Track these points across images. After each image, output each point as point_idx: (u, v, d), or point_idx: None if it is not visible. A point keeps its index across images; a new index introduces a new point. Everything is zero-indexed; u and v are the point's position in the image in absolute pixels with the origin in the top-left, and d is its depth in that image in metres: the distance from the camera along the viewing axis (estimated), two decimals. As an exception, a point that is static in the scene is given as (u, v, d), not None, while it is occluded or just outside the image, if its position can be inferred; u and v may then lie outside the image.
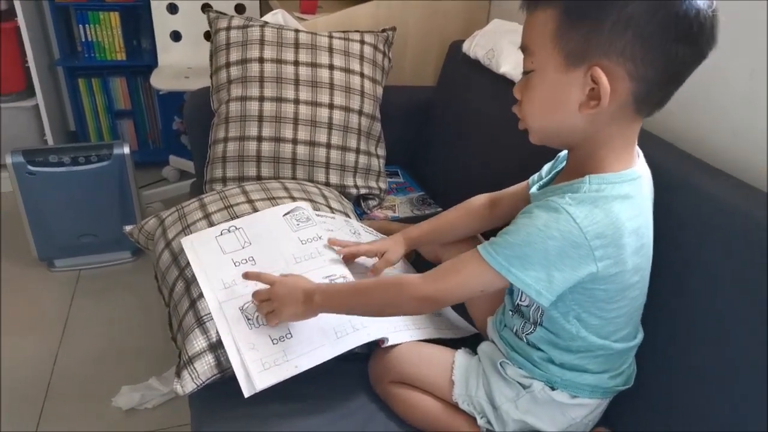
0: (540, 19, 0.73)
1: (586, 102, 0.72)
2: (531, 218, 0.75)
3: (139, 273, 1.99)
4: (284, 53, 1.44)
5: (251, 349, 0.90)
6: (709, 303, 0.84)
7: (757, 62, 0.96)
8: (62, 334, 1.72)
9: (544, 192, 0.82)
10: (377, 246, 1.10)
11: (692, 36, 0.67)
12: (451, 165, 1.55)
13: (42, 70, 2.33)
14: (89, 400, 1.50)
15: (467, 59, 1.54)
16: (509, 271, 0.75)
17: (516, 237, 0.75)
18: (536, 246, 0.73)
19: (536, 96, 0.76)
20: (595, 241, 0.73)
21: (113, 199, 1.91)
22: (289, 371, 0.89)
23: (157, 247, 1.14)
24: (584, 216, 0.72)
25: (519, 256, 0.74)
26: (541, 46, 0.73)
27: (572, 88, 0.72)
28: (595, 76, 0.69)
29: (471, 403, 0.93)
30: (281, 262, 1.03)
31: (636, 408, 0.91)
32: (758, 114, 0.98)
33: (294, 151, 1.42)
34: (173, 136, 2.68)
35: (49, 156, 1.81)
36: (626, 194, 0.76)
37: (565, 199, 0.74)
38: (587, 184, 0.75)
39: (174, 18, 2.32)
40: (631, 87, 0.70)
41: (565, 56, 0.71)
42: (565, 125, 0.76)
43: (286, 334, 0.92)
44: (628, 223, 0.75)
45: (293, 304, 0.89)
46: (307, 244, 1.06)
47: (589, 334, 0.83)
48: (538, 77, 0.75)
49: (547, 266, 0.74)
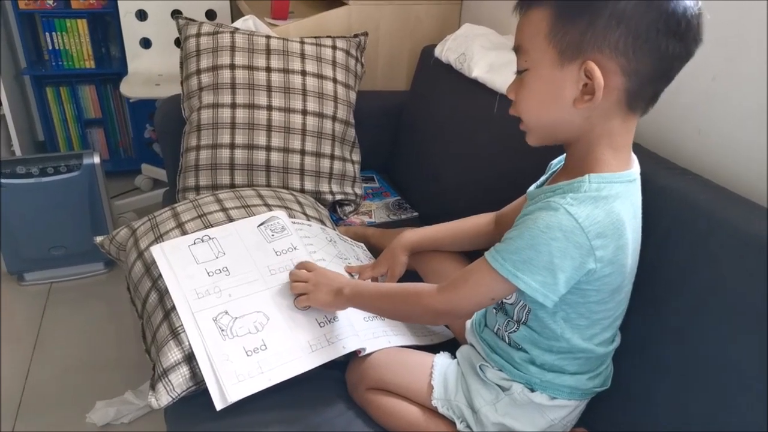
0: (534, 19, 0.74)
1: (580, 97, 0.73)
2: (533, 220, 0.75)
3: (112, 285, 1.95)
4: (256, 60, 1.43)
5: (225, 360, 0.89)
6: (683, 303, 0.86)
7: (720, 67, 0.99)
8: (34, 348, 1.68)
9: (543, 191, 0.82)
10: (383, 267, 1.12)
11: (681, 32, 0.70)
12: (426, 169, 1.55)
13: (8, 79, 2.28)
14: (63, 415, 1.47)
15: (439, 63, 1.55)
16: (517, 277, 0.75)
17: (520, 241, 0.76)
18: (540, 248, 0.74)
19: (531, 93, 0.77)
20: (596, 241, 0.74)
21: (84, 210, 1.87)
22: (262, 383, 0.88)
23: (129, 258, 1.12)
24: (586, 216, 0.73)
25: (525, 261, 0.75)
26: (536, 44, 0.74)
27: (566, 83, 0.73)
28: (589, 70, 0.71)
29: (450, 408, 0.93)
30: (255, 273, 1.02)
31: (612, 408, 0.92)
32: (720, 115, 1.01)
33: (268, 158, 1.41)
34: (145, 144, 2.64)
35: (17, 167, 1.77)
36: (625, 195, 0.77)
37: (566, 200, 0.74)
38: (587, 183, 0.76)
39: (143, 25, 2.29)
40: (623, 82, 0.72)
41: (559, 52, 0.72)
42: (561, 121, 0.77)
43: (261, 346, 0.92)
44: (627, 223, 0.77)
45: (326, 292, 0.95)
46: (282, 255, 1.06)
47: (573, 335, 0.83)
48: (533, 74, 0.76)
49: (552, 269, 0.74)
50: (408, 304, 0.88)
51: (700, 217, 0.86)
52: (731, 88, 0.98)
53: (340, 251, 1.18)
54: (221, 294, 0.97)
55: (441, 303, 0.83)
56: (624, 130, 0.77)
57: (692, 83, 1.02)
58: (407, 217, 1.54)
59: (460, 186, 1.41)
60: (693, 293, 0.84)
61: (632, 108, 0.75)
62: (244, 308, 0.96)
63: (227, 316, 0.94)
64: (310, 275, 0.98)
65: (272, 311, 0.96)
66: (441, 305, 0.83)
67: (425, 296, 0.85)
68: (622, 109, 0.74)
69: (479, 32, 1.50)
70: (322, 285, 0.96)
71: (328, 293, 0.95)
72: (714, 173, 0.97)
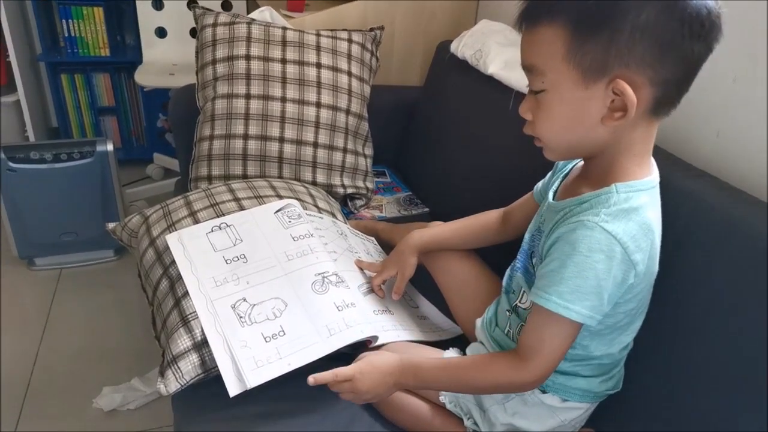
0: (545, 37, 0.70)
1: (609, 114, 0.70)
2: (572, 246, 0.73)
3: (122, 272, 1.96)
4: (271, 51, 1.43)
5: (244, 347, 0.89)
6: (699, 305, 0.85)
7: (740, 69, 0.98)
8: (43, 333, 1.69)
9: (568, 204, 0.79)
10: (392, 270, 1.08)
11: (704, 33, 0.67)
12: (439, 165, 1.55)
13: (23, 65, 2.29)
14: (70, 400, 1.48)
15: (455, 59, 1.54)
16: (567, 308, 0.73)
17: (564, 270, 0.73)
18: (587, 274, 0.72)
19: (553, 115, 0.74)
20: (635, 255, 0.73)
21: (95, 197, 1.88)
22: (281, 369, 0.88)
23: (141, 245, 1.12)
24: (623, 232, 0.72)
25: (572, 290, 0.73)
26: (552, 65, 0.70)
27: (593, 102, 0.70)
28: (619, 88, 0.68)
29: (458, 405, 0.93)
30: (273, 259, 1.02)
31: (621, 410, 0.91)
32: (740, 118, 0.99)
33: (280, 149, 1.41)
34: (158, 133, 2.65)
35: (31, 152, 1.78)
36: (651, 202, 0.76)
37: (600, 217, 0.72)
38: (615, 193, 0.74)
39: (159, 14, 2.30)
40: (652, 92, 0.69)
41: (582, 72, 0.69)
42: (586, 139, 0.74)
43: (279, 332, 0.91)
44: (656, 231, 0.76)
45: (384, 392, 0.87)
46: (299, 241, 1.06)
47: (591, 342, 0.82)
48: (553, 97, 0.72)
49: (599, 291, 0.73)
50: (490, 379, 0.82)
51: (717, 219, 0.85)
52: (752, 90, 0.97)
53: (350, 245, 1.18)
54: (239, 281, 0.97)
55: (530, 374, 0.78)
56: (647, 136, 0.76)
57: (713, 85, 1.00)
58: (418, 213, 1.53)
59: (471, 183, 1.40)
60: (709, 296, 0.84)
61: (658, 114, 0.73)
62: (262, 295, 0.96)
63: (245, 303, 0.94)
64: (353, 386, 0.86)
65: (290, 297, 0.96)
66: (530, 376, 0.78)
67: (511, 374, 0.79)
68: (648, 118, 0.73)
69: (496, 28, 1.49)
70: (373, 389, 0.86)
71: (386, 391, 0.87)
72: (731, 176, 0.96)
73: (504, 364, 0.81)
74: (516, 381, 0.80)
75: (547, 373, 0.78)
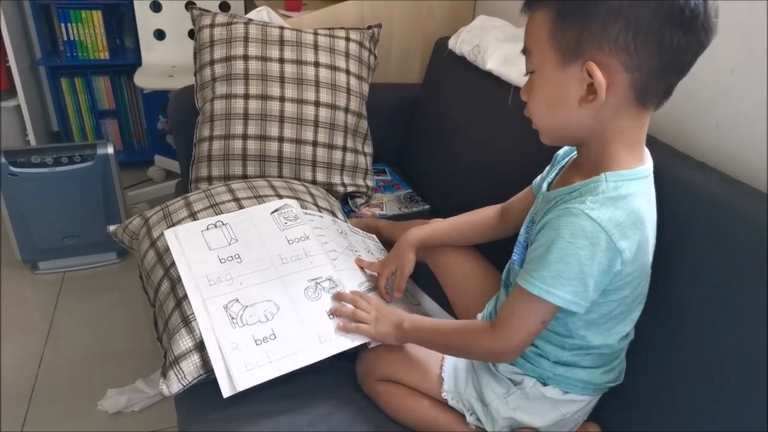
0: (537, 21, 0.74)
1: (585, 96, 0.72)
2: (557, 231, 0.74)
3: (125, 275, 1.97)
4: (269, 50, 1.43)
5: (234, 348, 0.89)
6: (699, 298, 0.84)
7: (739, 60, 0.97)
8: (47, 336, 1.70)
9: (559, 194, 0.81)
10: (392, 266, 1.09)
11: (685, 22, 0.67)
12: (439, 162, 1.55)
13: (23, 69, 2.30)
14: (75, 402, 1.48)
15: (453, 56, 1.54)
16: (549, 293, 0.74)
17: (548, 256, 0.74)
18: (569, 259, 0.73)
19: (539, 95, 0.77)
20: (621, 243, 0.73)
21: (97, 200, 1.88)
22: (271, 373, 0.88)
23: (142, 247, 1.12)
24: (608, 219, 0.72)
25: (555, 275, 0.74)
26: (539, 46, 0.74)
27: (571, 84, 0.72)
28: (589, 70, 0.70)
29: (460, 400, 0.93)
30: (267, 261, 1.02)
31: (624, 404, 0.91)
32: (739, 109, 0.99)
33: (280, 149, 1.41)
34: (158, 135, 2.65)
35: (32, 156, 1.78)
36: (642, 191, 0.76)
37: (586, 204, 0.73)
38: (604, 182, 0.75)
39: (157, 16, 2.30)
40: (628, 78, 0.70)
41: (561, 53, 0.72)
42: (570, 122, 0.76)
43: (270, 336, 0.92)
44: (647, 220, 0.76)
45: (387, 324, 0.94)
46: (294, 244, 1.05)
47: (588, 332, 0.83)
48: (539, 76, 0.76)
49: (582, 277, 0.73)
50: (467, 344, 0.86)
51: (716, 211, 0.84)
52: (751, 81, 0.96)
53: (350, 243, 1.18)
54: (233, 281, 0.97)
55: (497, 343, 0.81)
56: (637, 126, 0.76)
57: (711, 76, 1.00)
58: (418, 210, 1.53)
59: (472, 179, 1.40)
60: (709, 288, 0.83)
61: (643, 104, 0.73)
62: (254, 296, 0.96)
63: (238, 304, 0.94)
64: (372, 307, 0.96)
65: (282, 301, 0.96)
66: (498, 345, 0.81)
67: (482, 337, 0.83)
68: (633, 105, 0.73)
69: (494, 24, 1.49)
70: (385, 314, 0.95)
71: (389, 326, 0.93)
72: (731, 167, 0.95)
73: (482, 332, 0.84)
74: (487, 347, 0.83)
75: (517, 346, 0.81)
